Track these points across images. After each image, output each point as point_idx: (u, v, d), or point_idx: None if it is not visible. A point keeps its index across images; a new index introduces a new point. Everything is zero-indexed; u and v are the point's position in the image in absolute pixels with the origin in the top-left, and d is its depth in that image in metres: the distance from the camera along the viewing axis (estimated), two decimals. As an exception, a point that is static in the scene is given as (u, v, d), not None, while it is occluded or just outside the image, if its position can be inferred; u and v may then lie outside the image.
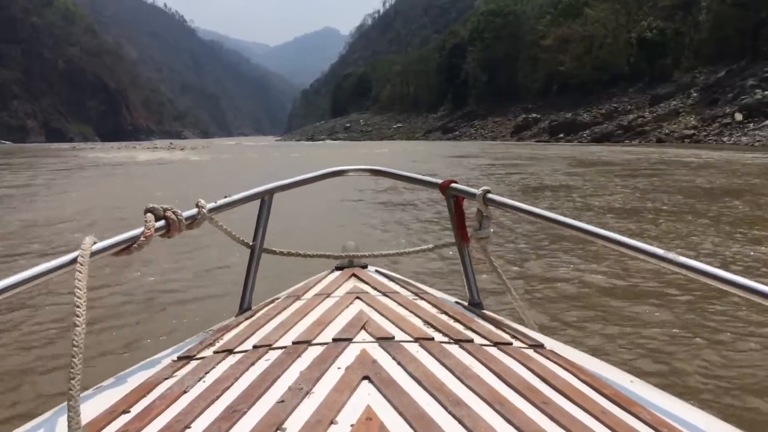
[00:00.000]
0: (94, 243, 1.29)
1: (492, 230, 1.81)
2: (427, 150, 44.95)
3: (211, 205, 1.65)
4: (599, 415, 1.03)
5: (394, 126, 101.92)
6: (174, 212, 1.49)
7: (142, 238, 1.38)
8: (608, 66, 64.64)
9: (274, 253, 1.98)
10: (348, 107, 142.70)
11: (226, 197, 1.73)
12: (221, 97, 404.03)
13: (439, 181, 1.88)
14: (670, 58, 57.41)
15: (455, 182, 1.83)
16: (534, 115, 65.60)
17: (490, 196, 1.72)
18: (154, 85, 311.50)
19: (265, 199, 1.86)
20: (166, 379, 1.22)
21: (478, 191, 1.74)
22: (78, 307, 1.10)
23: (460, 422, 0.96)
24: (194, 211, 1.58)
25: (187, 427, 0.98)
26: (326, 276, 1.97)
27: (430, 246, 2.23)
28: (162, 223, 1.47)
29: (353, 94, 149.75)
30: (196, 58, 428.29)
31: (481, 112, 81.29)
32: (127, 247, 1.37)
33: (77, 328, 1.07)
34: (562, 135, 52.93)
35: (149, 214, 1.44)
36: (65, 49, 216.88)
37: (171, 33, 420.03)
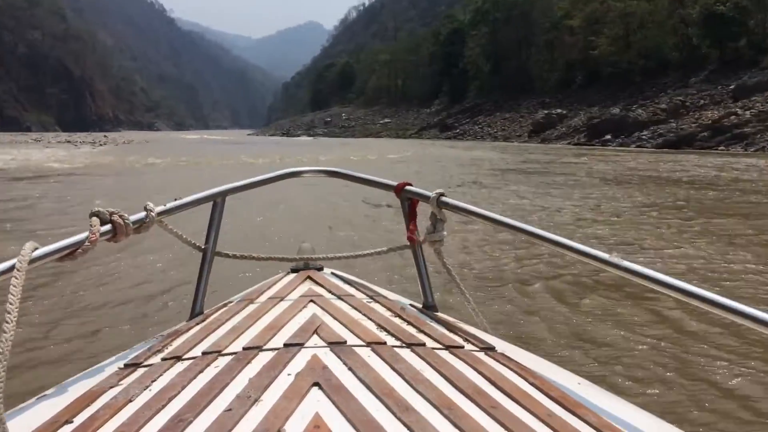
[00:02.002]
0: (35, 249, 1.26)
1: (446, 233, 1.81)
2: (434, 156, 31.71)
3: (161, 208, 1.63)
4: (545, 418, 1.05)
5: (381, 121, 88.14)
6: (120, 216, 1.46)
7: (87, 243, 1.35)
8: (654, 51, 51.35)
9: (227, 256, 1.98)
10: (329, 100, 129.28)
11: (176, 200, 1.72)
12: (199, 88, 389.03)
13: (395, 183, 1.89)
14: (745, 39, 44.20)
15: (410, 185, 1.86)
16: (558, 110, 52.18)
17: (444, 199, 1.76)
18: (127, 74, 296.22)
19: (218, 201, 1.85)
20: (111, 387, 1.20)
21: (432, 194, 1.77)
22: (9, 313, 1.09)
23: (409, 428, 0.97)
24: (142, 214, 1.55)
25: None
26: (281, 279, 1.96)
27: (385, 249, 2.18)
28: (108, 227, 1.44)
29: (335, 86, 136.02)
30: (174, 49, 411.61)
31: (486, 107, 67.60)
32: (71, 252, 1.33)
33: (5, 335, 1.06)
34: (608, 137, 39.46)
35: (94, 218, 1.41)
36: (26, 32, 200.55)
37: (149, 22, 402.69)
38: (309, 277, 1.94)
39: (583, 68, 59.19)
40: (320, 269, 2.04)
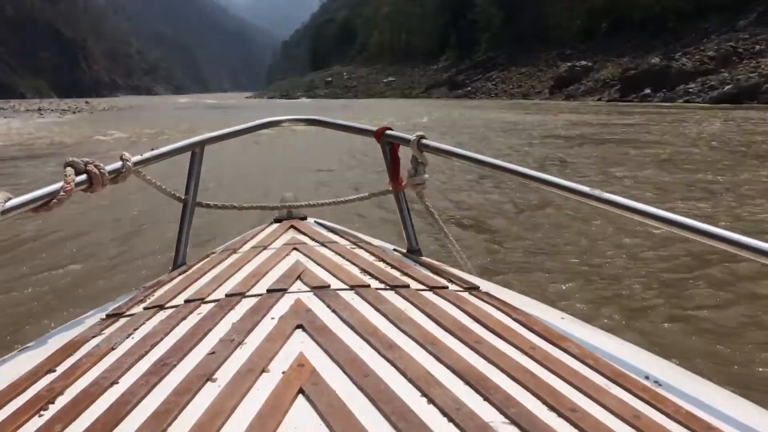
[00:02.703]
0: (9, 199, 1.25)
1: (427, 176, 1.80)
2: (460, 121, 27.04)
3: (137, 158, 1.59)
4: (528, 351, 1.07)
5: (385, 80, 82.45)
6: (96, 165, 1.43)
7: (62, 193, 1.33)
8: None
9: (207, 206, 1.96)
10: (329, 58, 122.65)
11: (153, 150, 1.69)
12: (197, 50, 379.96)
13: (374, 128, 1.87)
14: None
15: (390, 129, 1.83)
16: (582, 62, 46.78)
17: (424, 141, 1.74)
18: (122, 36, 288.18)
19: (196, 151, 1.81)
20: (93, 337, 1.20)
21: (412, 137, 1.75)
22: None
23: (393, 364, 0.99)
24: (118, 164, 1.52)
25: (115, 383, 0.97)
26: (264, 229, 1.95)
27: (367, 194, 2.18)
28: (83, 177, 1.41)
29: (335, 43, 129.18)
30: (170, 7, 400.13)
31: (500, 61, 61.85)
32: (46, 202, 1.31)
33: None
34: (648, 90, 34.25)
35: (69, 168, 1.39)
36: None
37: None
38: (293, 227, 1.91)
39: (608, 14, 53.37)
40: (304, 218, 2.02)
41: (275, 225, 1.98)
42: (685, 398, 0.97)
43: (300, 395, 0.91)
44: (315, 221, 2.03)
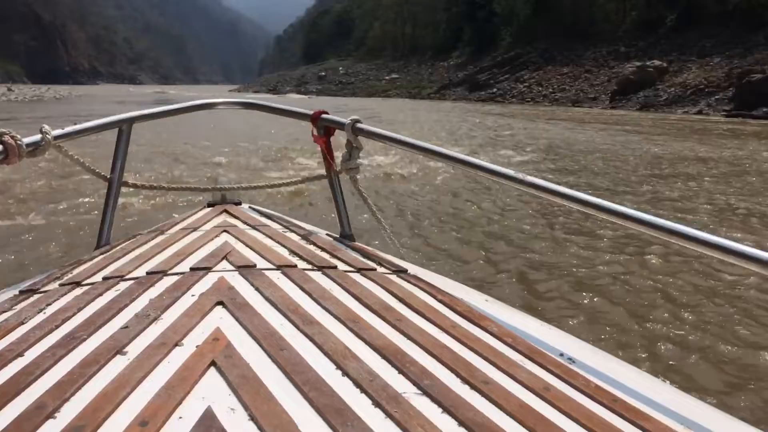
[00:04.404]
0: None
1: (361, 161, 1.80)
2: (536, 140, 15.72)
3: (58, 132, 1.55)
4: (449, 329, 1.10)
5: (387, 77, 71.01)
6: (12, 137, 1.38)
7: None
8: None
9: (134, 186, 1.93)
10: (324, 52, 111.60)
11: (75, 124, 1.65)
12: (188, 40, 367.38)
13: (311, 112, 1.86)
14: None
15: (326, 113, 1.83)
16: (655, 62, 35.65)
17: (359, 125, 1.73)
18: (109, 23, 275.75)
19: (123, 128, 1.77)
20: (2, 312, 1.16)
21: (347, 121, 1.74)
22: None
23: (310, 338, 0.99)
24: (37, 137, 1.47)
25: (19, 355, 0.95)
26: (196, 212, 1.90)
27: (301, 178, 2.15)
28: None
29: (331, 36, 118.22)
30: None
31: (531, 59, 50.50)
32: None
33: None
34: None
35: None
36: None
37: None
38: (225, 211, 1.87)
39: (676, 3, 42.36)
40: (238, 204, 1.96)
41: (207, 209, 1.91)
42: (595, 374, 1.00)
43: (212, 367, 0.90)
44: (249, 207, 1.96)
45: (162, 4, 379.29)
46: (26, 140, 1.42)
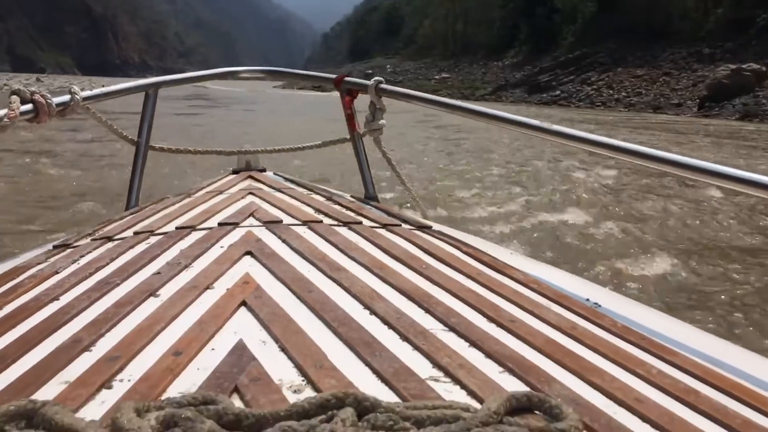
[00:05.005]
0: None
1: (384, 122, 1.80)
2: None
3: (86, 93, 1.58)
4: (474, 276, 1.13)
5: (437, 76, 67.20)
6: (43, 95, 1.42)
7: (5, 120, 1.32)
8: None
9: (161, 150, 1.96)
10: (371, 50, 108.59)
11: (103, 86, 1.69)
12: (237, 37, 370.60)
13: (334, 76, 1.90)
14: None
15: (349, 76, 1.87)
16: (752, 66, 30.92)
17: (382, 86, 1.78)
18: (160, 17, 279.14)
19: (150, 93, 1.80)
20: (38, 264, 1.21)
21: (370, 82, 1.79)
22: None
23: (338, 283, 1.03)
24: (66, 97, 1.51)
25: (55, 299, 0.98)
26: (222, 178, 1.93)
27: (324, 142, 2.16)
28: (29, 106, 1.40)
29: (379, 33, 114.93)
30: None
31: (599, 59, 45.85)
32: None
33: None
34: None
35: (14, 96, 1.38)
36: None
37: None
38: (250, 176, 1.90)
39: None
40: (263, 170, 1.98)
41: (233, 175, 1.93)
42: (621, 317, 1.01)
43: (242, 306, 0.92)
44: (274, 173, 1.98)
45: (212, 2, 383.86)
46: (56, 100, 1.45)
